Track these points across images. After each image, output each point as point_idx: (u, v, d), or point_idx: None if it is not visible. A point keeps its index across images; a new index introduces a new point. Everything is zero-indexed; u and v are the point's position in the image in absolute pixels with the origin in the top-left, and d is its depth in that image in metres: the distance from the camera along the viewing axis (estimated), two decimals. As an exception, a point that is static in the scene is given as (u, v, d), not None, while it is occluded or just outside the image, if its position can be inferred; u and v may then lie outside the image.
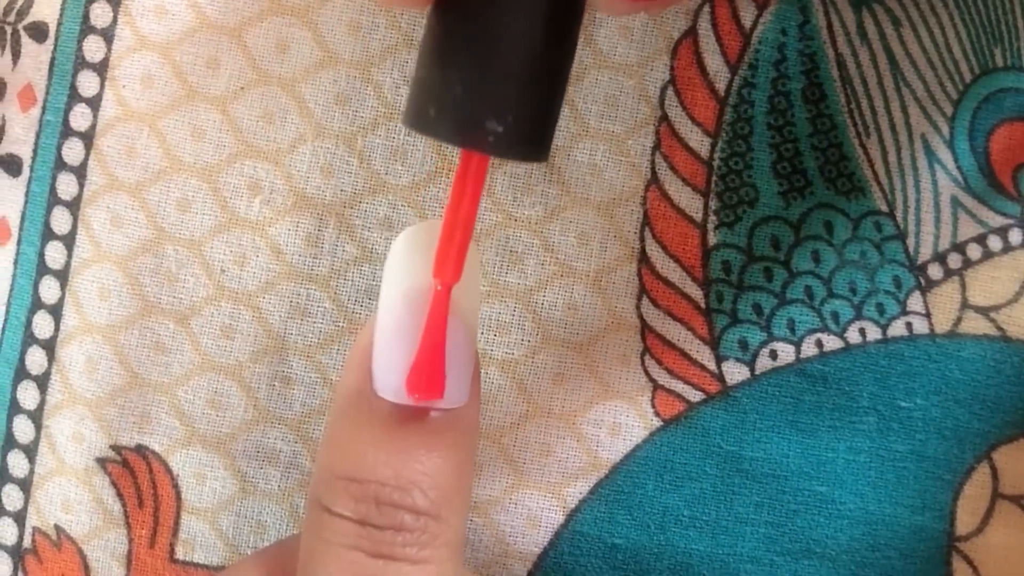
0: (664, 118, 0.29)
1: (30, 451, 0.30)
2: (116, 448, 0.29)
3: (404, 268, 0.23)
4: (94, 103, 0.29)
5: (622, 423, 0.29)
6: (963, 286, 0.29)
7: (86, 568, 0.29)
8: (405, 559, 0.22)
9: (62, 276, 0.29)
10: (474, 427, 0.24)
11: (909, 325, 0.29)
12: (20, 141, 0.30)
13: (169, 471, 0.29)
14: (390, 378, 0.22)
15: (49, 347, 0.29)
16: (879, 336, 0.29)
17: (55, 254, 0.29)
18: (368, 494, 0.22)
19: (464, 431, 0.23)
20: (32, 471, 0.30)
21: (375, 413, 0.23)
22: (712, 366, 0.29)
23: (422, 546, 0.22)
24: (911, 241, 0.29)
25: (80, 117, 0.29)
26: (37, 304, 0.30)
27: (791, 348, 0.29)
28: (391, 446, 0.22)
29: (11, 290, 0.30)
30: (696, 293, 0.29)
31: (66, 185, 0.29)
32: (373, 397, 0.23)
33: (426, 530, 0.22)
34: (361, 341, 0.23)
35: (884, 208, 0.29)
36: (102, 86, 0.29)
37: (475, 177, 0.21)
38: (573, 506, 0.29)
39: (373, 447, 0.22)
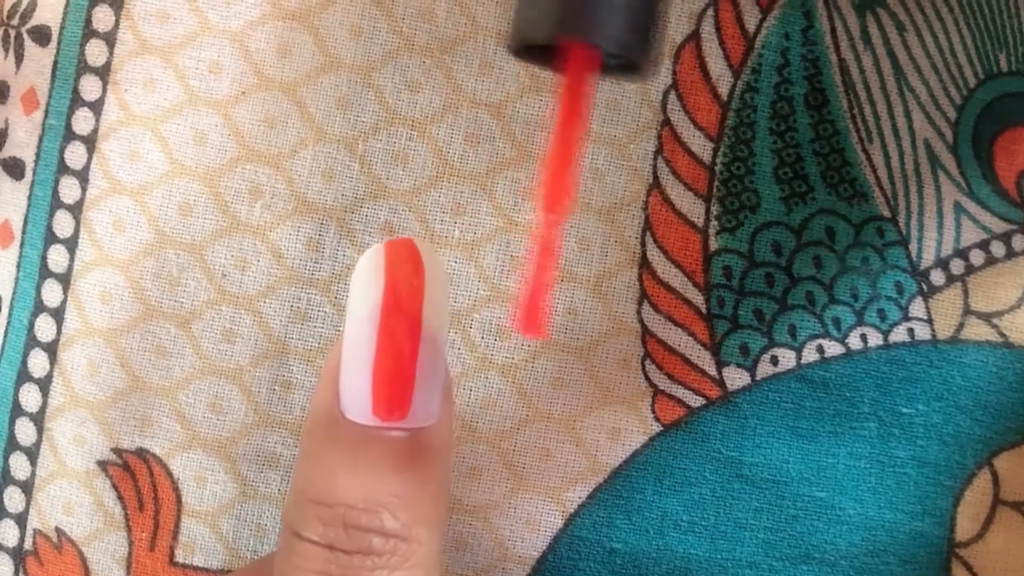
0: (666, 122, 0.29)
1: (32, 453, 0.30)
2: (117, 451, 0.29)
3: (369, 287, 0.22)
4: (96, 107, 0.29)
5: (622, 428, 0.29)
6: (965, 292, 0.29)
7: (86, 570, 0.30)
8: None
9: (64, 279, 0.30)
10: (446, 445, 0.23)
11: (911, 331, 0.29)
12: (23, 144, 0.30)
13: (170, 474, 0.29)
14: (357, 399, 0.22)
15: (51, 350, 0.30)
16: (881, 342, 0.29)
17: (57, 257, 0.30)
18: (336, 518, 0.22)
19: (435, 450, 0.23)
20: (34, 473, 0.30)
21: (343, 435, 0.22)
22: (713, 371, 0.29)
23: (392, 569, 0.22)
24: (913, 247, 0.29)
25: (82, 121, 0.29)
26: (39, 307, 0.30)
27: (792, 354, 0.29)
28: (359, 468, 0.22)
29: (14, 293, 0.30)
30: (697, 298, 0.29)
31: (68, 189, 0.29)
32: (341, 419, 0.22)
33: (396, 552, 0.22)
34: (330, 361, 0.23)
35: (886, 213, 0.29)
36: (104, 90, 0.29)
37: (586, 85, 0.20)
38: (572, 510, 0.29)
39: (341, 470, 0.22)
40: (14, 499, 0.30)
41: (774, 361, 0.29)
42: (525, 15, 0.21)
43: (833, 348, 0.29)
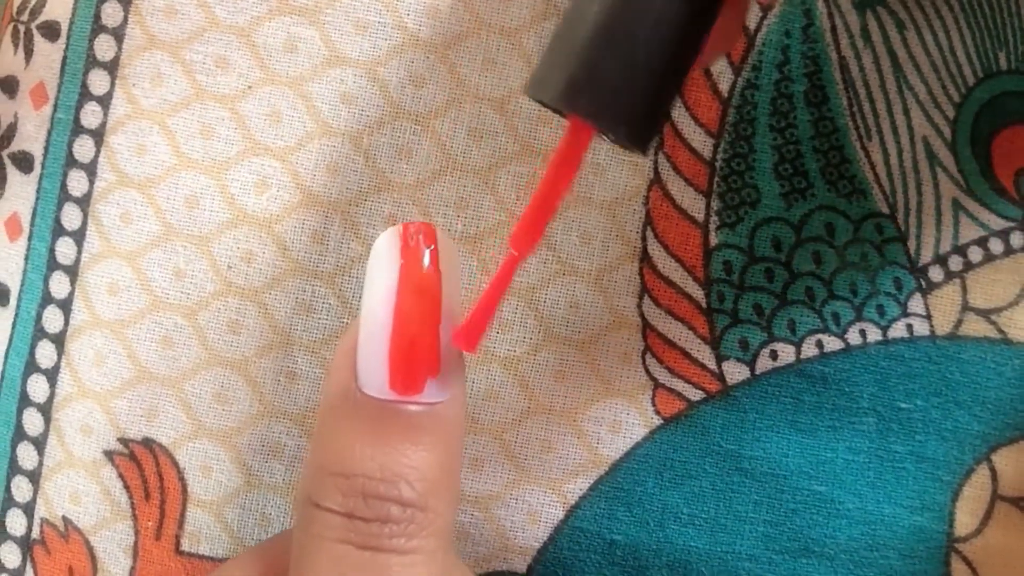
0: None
1: (39, 443, 0.30)
2: (123, 441, 0.30)
3: (386, 268, 0.23)
4: (104, 101, 0.30)
5: (623, 421, 0.29)
6: (964, 288, 0.29)
7: (93, 559, 0.30)
8: (393, 550, 0.23)
9: (72, 271, 0.30)
10: (460, 420, 0.24)
11: (910, 327, 0.29)
12: (32, 138, 0.30)
13: (175, 464, 0.30)
14: (374, 374, 0.23)
15: (59, 341, 0.30)
16: (879, 337, 0.29)
17: (65, 249, 0.30)
18: (355, 488, 0.23)
19: (449, 425, 0.24)
20: (41, 463, 0.30)
21: (360, 409, 0.23)
22: (712, 365, 0.29)
23: (409, 537, 0.23)
24: (912, 243, 0.29)
25: (91, 115, 0.30)
26: (47, 299, 0.30)
27: (791, 348, 0.29)
28: (376, 440, 0.23)
29: (22, 285, 0.30)
30: (697, 293, 0.29)
31: (77, 181, 0.30)
32: (358, 394, 0.23)
33: (413, 521, 0.23)
34: (346, 341, 0.24)
35: (885, 210, 0.29)
36: (112, 84, 0.30)
37: (580, 149, 0.22)
38: (573, 502, 0.29)
39: (359, 442, 0.23)
40: (22, 488, 0.30)
41: (774, 356, 0.29)
42: (543, 68, 0.22)
43: (832, 343, 0.29)
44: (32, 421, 0.30)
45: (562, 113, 0.22)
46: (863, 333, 0.29)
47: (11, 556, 0.30)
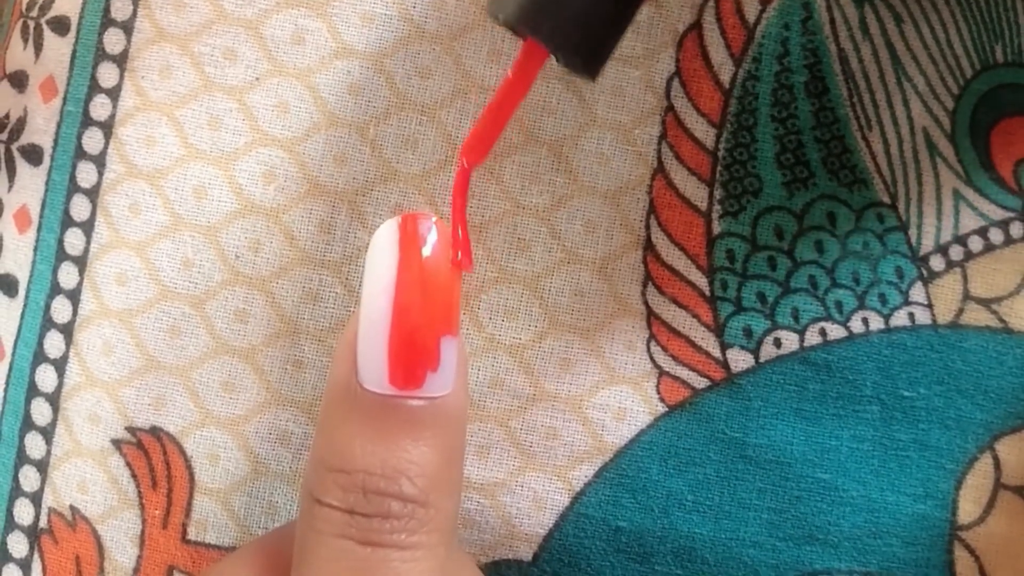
0: (670, 108, 0.30)
1: (47, 433, 0.30)
2: (131, 430, 0.30)
3: (385, 261, 0.23)
4: (114, 93, 0.30)
5: (627, 408, 0.29)
6: (965, 278, 0.30)
7: (100, 548, 0.30)
8: (393, 545, 0.23)
9: (81, 262, 0.30)
10: (461, 414, 0.24)
11: (912, 315, 0.30)
12: (41, 131, 0.31)
13: (183, 452, 0.30)
14: (374, 369, 0.23)
15: (67, 331, 0.30)
16: (882, 326, 0.29)
17: (74, 240, 0.30)
18: (356, 484, 0.23)
19: (451, 419, 0.24)
20: (49, 452, 0.30)
21: (360, 404, 0.23)
22: (717, 353, 0.30)
23: (410, 532, 0.23)
24: (913, 232, 0.30)
25: (100, 107, 0.30)
26: (56, 289, 0.30)
27: (795, 336, 0.29)
28: (377, 436, 0.23)
29: (31, 276, 0.30)
30: (701, 281, 0.30)
31: (86, 173, 0.30)
32: (359, 389, 0.23)
33: (414, 516, 0.23)
34: (346, 335, 0.24)
35: (886, 200, 0.30)
36: (121, 77, 0.30)
37: (532, 70, 0.23)
38: (578, 489, 0.29)
39: (360, 437, 0.23)
40: (29, 478, 0.30)
41: (777, 343, 0.29)
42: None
43: (835, 331, 0.29)
44: (40, 411, 0.30)
45: (518, 33, 0.23)
46: (866, 321, 0.29)
47: (19, 546, 0.30)
